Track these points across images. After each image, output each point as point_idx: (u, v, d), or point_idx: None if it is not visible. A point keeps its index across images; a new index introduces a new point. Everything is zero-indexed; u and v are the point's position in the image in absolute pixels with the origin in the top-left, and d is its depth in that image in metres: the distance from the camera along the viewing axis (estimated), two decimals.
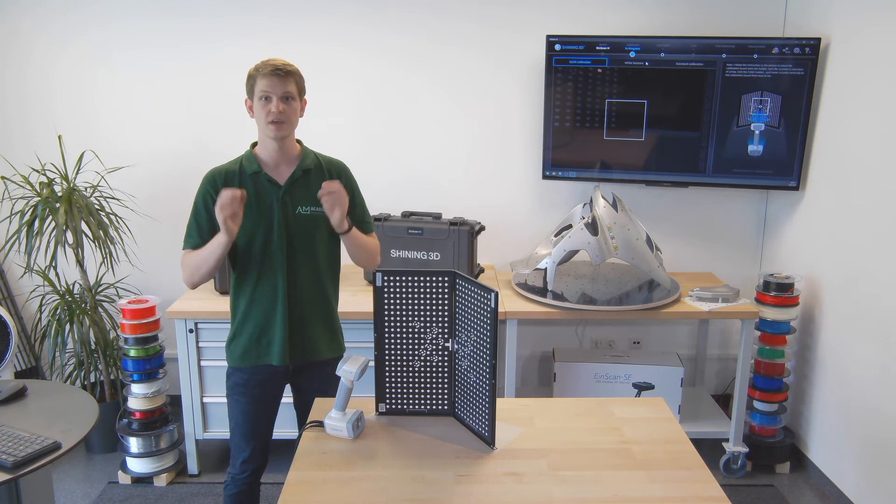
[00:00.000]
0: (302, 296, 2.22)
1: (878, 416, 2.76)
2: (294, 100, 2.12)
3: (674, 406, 3.22)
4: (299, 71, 2.16)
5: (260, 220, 2.15)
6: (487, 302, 1.77)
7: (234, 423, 2.30)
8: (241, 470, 2.31)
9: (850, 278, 2.93)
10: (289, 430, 2.67)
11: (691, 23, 3.37)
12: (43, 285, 3.40)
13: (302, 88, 2.17)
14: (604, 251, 3.02)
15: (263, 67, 2.09)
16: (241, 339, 2.23)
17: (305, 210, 2.19)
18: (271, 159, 2.18)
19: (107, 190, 3.45)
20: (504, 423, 1.98)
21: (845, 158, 2.97)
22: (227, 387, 2.30)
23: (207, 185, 2.17)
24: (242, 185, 2.14)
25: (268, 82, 2.08)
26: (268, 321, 2.20)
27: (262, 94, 2.09)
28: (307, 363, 2.28)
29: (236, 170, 2.17)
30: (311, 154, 2.25)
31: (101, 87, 3.46)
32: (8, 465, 1.81)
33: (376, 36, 3.42)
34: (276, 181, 2.17)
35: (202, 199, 2.17)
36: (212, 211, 2.10)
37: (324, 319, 2.29)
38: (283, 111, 2.09)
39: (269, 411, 2.32)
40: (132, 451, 3.10)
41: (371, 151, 3.54)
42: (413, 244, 3.18)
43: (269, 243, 2.16)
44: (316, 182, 2.18)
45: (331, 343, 2.32)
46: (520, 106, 3.49)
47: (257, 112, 2.12)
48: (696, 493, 1.68)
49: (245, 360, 2.24)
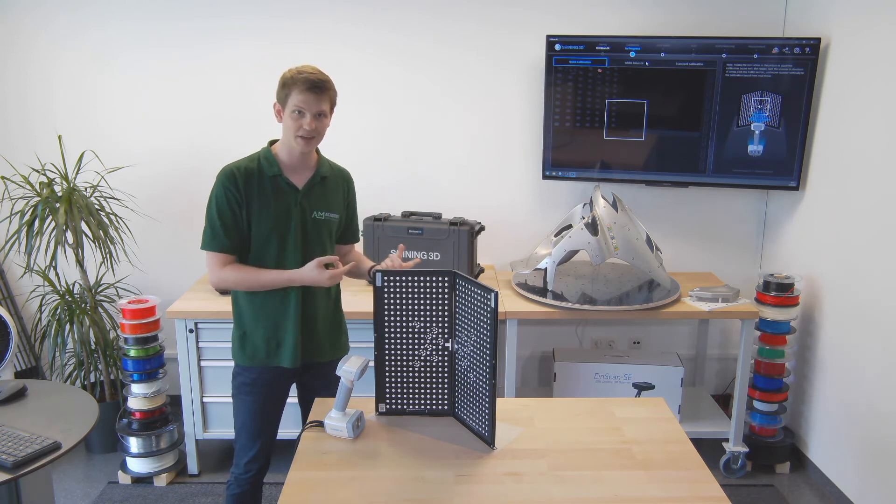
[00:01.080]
0: (314, 298, 2.23)
1: (878, 415, 2.76)
2: (326, 116, 2.11)
3: (674, 406, 3.22)
4: (334, 84, 2.12)
5: (277, 223, 2.14)
6: (487, 302, 1.77)
7: (241, 423, 2.29)
8: (246, 470, 2.31)
9: (850, 278, 2.93)
10: (289, 429, 2.67)
11: (691, 23, 3.37)
12: (43, 285, 3.40)
13: (334, 102, 2.15)
14: (604, 251, 3.02)
15: (301, 81, 2.03)
16: (252, 339, 2.22)
17: (321, 215, 2.20)
18: (292, 163, 2.17)
19: (107, 190, 3.46)
20: (504, 423, 1.98)
21: (845, 158, 2.97)
22: (234, 386, 2.29)
23: (227, 183, 2.10)
24: (262, 185, 2.12)
25: (303, 98, 2.04)
26: (280, 323, 2.20)
27: (295, 108, 2.05)
28: (314, 363, 2.29)
29: (255, 168, 2.13)
30: (326, 161, 2.26)
31: (101, 86, 3.46)
32: (8, 465, 1.81)
33: (376, 36, 3.42)
34: (294, 185, 2.16)
35: (224, 197, 2.10)
36: (235, 209, 2.10)
37: (333, 321, 2.32)
38: (314, 128, 2.08)
39: (277, 411, 2.33)
40: (132, 451, 3.10)
41: (371, 151, 3.54)
42: (413, 244, 3.18)
43: (284, 246, 2.16)
44: (331, 188, 2.23)
45: (338, 344, 2.35)
46: (520, 106, 3.49)
47: (287, 122, 2.09)
48: (696, 493, 1.68)
49: (255, 360, 2.23)
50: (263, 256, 2.16)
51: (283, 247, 2.16)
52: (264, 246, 2.15)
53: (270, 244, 2.15)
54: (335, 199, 2.25)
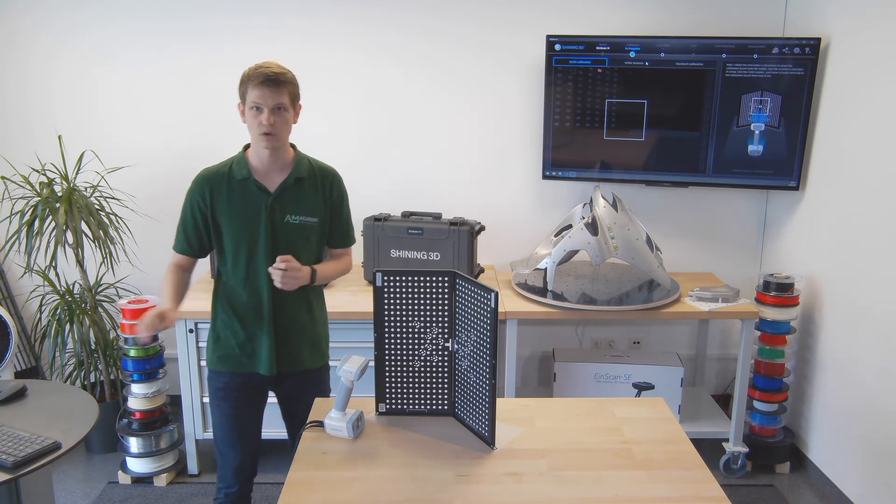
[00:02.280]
0: (287, 305, 2.16)
1: (878, 415, 2.76)
2: (287, 110, 2.04)
3: (674, 406, 3.22)
4: (294, 77, 2.07)
5: (245, 228, 2.10)
6: (487, 302, 1.77)
7: (220, 431, 2.24)
8: (233, 482, 2.25)
9: (850, 278, 2.93)
10: (278, 429, 2.60)
11: (691, 23, 3.37)
12: (43, 285, 3.40)
13: (296, 96, 2.08)
14: (604, 251, 3.02)
15: (255, 75, 1.99)
16: (225, 343, 2.19)
17: (295, 219, 2.13)
18: (262, 166, 2.11)
19: (107, 190, 3.46)
20: (504, 423, 1.98)
21: (845, 158, 2.97)
22: (210, 392, 2.24)
23: (195, 189, 2.12)
24: (231, 189, 2.09)
25: (259, 93, 1.99)
26: (253, 329, 2.16)
27: (253, 104, 2.01)
28: (290, 372, 2.23)
29: (225, 173, 2.11)
30: (305, 161, 2.17)
31: (101, 87, 3.46)
32: (8, 465, 1.81)
33: (377, 36, 3.42)
34: (265, 188, 2.10)
35: (189, 203, 2.13)
36: (197, 217, 2.12)
37: (308, 330, 2.23)
38: (273, 123, 2.01)
39: (256, 415, 2.27)
40: (132, 451, 3.10)
41: (371, 151, 3.54)
42: (413, 244, 3.18)
43: (254, 251, 2.11)
44: (308, 191, 2.14)
45: (314, 353, 2.27)
46: (520, 106, 3.49)
47: (249, 121, 2.05)
48: (696, 493, 1.68)
49: (228, 364, 2.19)
50: (237, 260, 2.12)
51: (252, 251, 2.11)
52: (236, 250, 2.12)
53: (241, 249, 2.11)
54: (313, 201, 2.16)
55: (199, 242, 2.16)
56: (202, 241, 2.16)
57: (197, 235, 2.14)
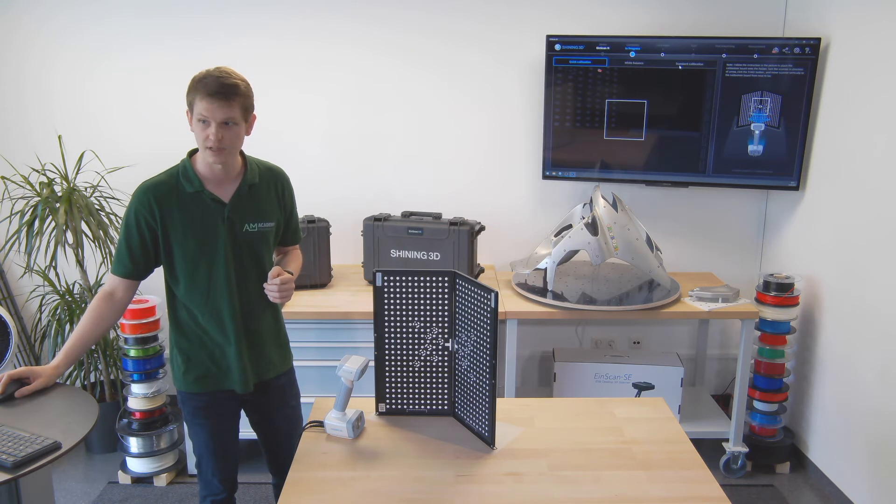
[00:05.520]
0: (253, 315, 2.08)
1: (878, 415, 2.76)
2: (237, 124, 1.89)
3: (674, 406, 3.22)
4: (247, 88, 1.91)
5: (204, 243, 1.97)
6: (487, 302, 1.77)
7: (204, 448, 2.15)
8: (220, 489, 2.19)
9: (850, 278, 2.93)
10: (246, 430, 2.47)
11: (691, 23, 3.37)
12: (43, 285, 3.40)
13: (248, 108, 1.92)
14: (604, 251, 3.02)
15: (203, 85, 1.83)
16: (198, 364, 2.07)
17: (253, 227, 2.02)
18: (213, 175, 1.98)
19: (107, 190, 3.46)
20: (504, 423, 1.98)
21: (845, 158, 2.97)
22: (187, 413, 2.13)
23: (140, 206, 1.93)
24: (181, 203, 1.95)
25: (206, 106, 1.83)
26: (221, 346, 2.06)
27: (200, 117, 1.86)
28: (264, 381, 2.15)
29: (173, 185, 1.96)
30: (254, 164, 2.06)
31: (100, 86, 3.46)
32: (8, 465, 1.81)
33: (376, 34, 3.42)
34: (220, 199, 1.97)
35: (133, 218, 1.94)
36: (145, 234, 1.95)
37: (275, 335, 2.17)
38: (222, 139, 1.86)
39: (235, 429, 2.21)
40: (132, 451, 3.10)
41: (371, 151, 3.53)
42: (413, 244, 3.18)
43: (213, 266, 1.99)
44: (262, 195, 2.05)
45: (282, 357, 2.21)
46: (520, 106, 3.49)
47: (196, 132, 1.89)
48: (696, 493, 1.68)
49: (206, 384, 2.09)
50: (195, 279, 1.99)
51: (212, 266, 1.98)
52: (194, 268, 1.98)
53: (199, 266, 1.98)
54: (268, 205, 2.07)
55: (146, 263, 1.99)
56: (149, 262, 1.99)
57: (144, 255, 1.97)
